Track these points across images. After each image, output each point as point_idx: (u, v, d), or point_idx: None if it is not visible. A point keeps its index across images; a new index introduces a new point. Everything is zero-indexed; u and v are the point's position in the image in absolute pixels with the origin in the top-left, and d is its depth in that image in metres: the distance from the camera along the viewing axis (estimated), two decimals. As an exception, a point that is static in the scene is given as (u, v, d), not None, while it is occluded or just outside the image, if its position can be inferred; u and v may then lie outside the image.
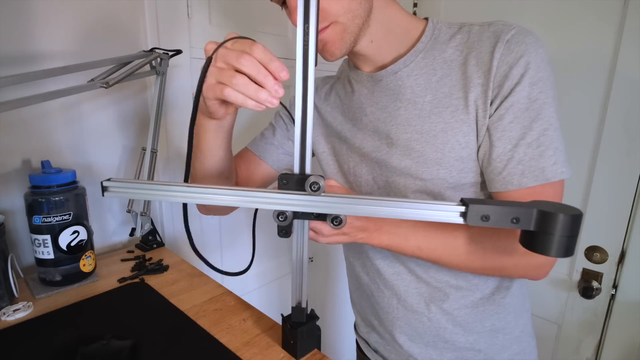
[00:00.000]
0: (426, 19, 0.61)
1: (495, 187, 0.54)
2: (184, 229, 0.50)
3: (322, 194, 0.43)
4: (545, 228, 0.38)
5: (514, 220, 0.39)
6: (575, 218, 0.37)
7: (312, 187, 0.42)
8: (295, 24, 0.50)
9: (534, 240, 0.39)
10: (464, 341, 0.66)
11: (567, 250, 0.38)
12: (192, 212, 1.12)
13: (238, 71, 0.44)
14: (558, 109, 0.53)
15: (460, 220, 0.40)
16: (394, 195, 0.64)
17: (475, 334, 0.65)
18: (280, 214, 0.45)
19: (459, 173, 0.57)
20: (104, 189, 0.44)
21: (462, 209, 0.40)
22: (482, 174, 0.58)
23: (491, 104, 0.53)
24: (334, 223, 0.44)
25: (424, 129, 0.58)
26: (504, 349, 0.67)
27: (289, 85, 1.32)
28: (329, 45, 0.56)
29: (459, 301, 0.64)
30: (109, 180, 0.44)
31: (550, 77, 0.52)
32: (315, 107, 0.74)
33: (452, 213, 0.41)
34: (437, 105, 0.57)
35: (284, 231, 0.49)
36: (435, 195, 0.60)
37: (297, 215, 0.47)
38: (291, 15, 0.56)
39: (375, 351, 0.77)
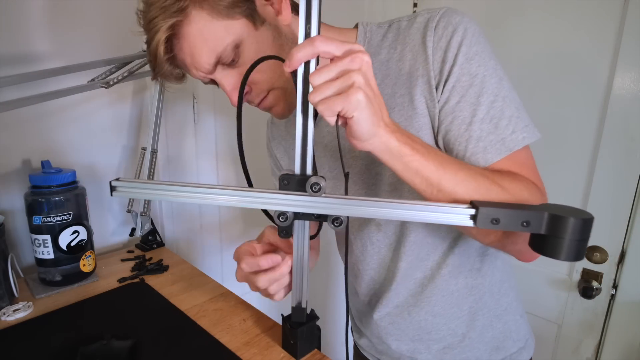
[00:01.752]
0: (357, 25, 0.61)
1: None
2: (183, 229, 0.50)
3: (323, 194, 0.43)
4: (556, 232, 0.37)
5: (525, 224, 0.38)
6: (586, 222, 0.37)
7: (313, 188, 0.42)
8: (234, 104, 0.53)
9: (544, 244, 0.39)
10: (446, 329, 0.66)
11: (578, 254, 0.38)
12: (192, 212, 1.12)
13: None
14: (504, 77, 0.52)
15: (470, 223, 0.40)
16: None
17: (455, 319, 0.65)
18: (281, 214, 0.45)
19: None
20: (112, 189, 0.44)
21: (472, 211, 0.40)
22: None
23: (436, 91, 0.52)
24: (335, 224, 0.44)
25: None
26: (486, 329, 0.66)
27: (289, 85, 1.32)
28: (274, 110, 0.58)
29: (433, 291, 0.64)
30: (117, 180, 0.44)
31: (486, 49, 0.51)
32: (279, 146, 0.75)
33: (462, 216, 0.40)
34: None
35: (285, 231, 0.49)
36: (409, 189, 0.57)
37: (297, 215, 0.47)
38: (230, 96, 0.56)
39: (371, 354, 0.77)
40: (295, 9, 0.57)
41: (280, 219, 0.46)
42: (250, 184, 0.50)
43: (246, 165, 0.51)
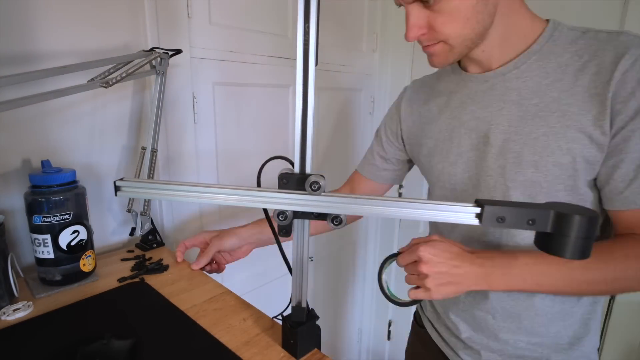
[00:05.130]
0: (547, 20, 0.61)
1: (615, 205, 0.55)
2: (183, 229, 0.50)
3: (322, 193, 0.43)
4: (561, 230, 0.38)
5: (530, 222, 0.39)
6: (592, 220, 0.37)
7: (313, 187, 0.42)
8: (407, 39, 0.58)
9: (549, 242, 0.39)
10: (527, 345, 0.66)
11: (583, 252, 0.38)
12: (192, 212, 1.12)
13: None
14: None
15: (476, 222, 0.40)
16: (481, 196, 0.64)
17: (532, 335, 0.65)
18: (280, 213, 0.45)
19: (554, 179, 0.57)
20: (116, 189, 0.44)
21: (478, 210, 0.40)
22: (578, 183, 0.57)
23: (612, 122, 0.52)
24: (334, 223, 0.44)
25: (525, 130, 0.58)
26: (560, 335, 0.65)
27: (288, 85, 1.32)
28: (434, 57, 0.60)
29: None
30: (121, 180, 0.44)
31: None
32: (411, 109, 0.78)
33: (467, 214, 0.40)
34: (543, 109, 0.57)
35: (285, 230, 0.49)
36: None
37: (297, 214, 0.47)
38: (408, 30, 0.58)
39: (430, 321, 0.82)
40: None
41: (280, 218, 0.46)
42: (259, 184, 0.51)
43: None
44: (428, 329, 0.82)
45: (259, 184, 0.51)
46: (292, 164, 0.45)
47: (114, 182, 0.45)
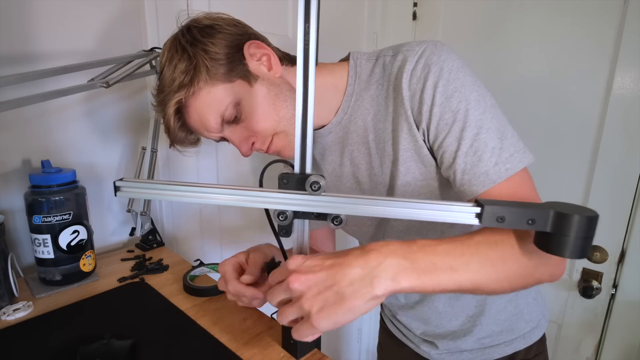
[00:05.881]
0: (347, 57, 0.64)
1: (461, 199, 0.54)
2: (183, 229, 0.51)
3: (323, 193, 0.42)
4: (561, 229, 0.38)
5: (530, 222, 0.39)
6: (591, 219, 0.37)
7: (313, 187, 0.42)
8: (244, 155, 0.61)
9: (549, 242, 0.39)
10: (461, 312, 0.72)
11: (582, 251, 0.38)
12: (192, 211, 1.12)
13: None
14: (488, 107, 0.52)
15: (476, 222, 0.40)
16: (388, 231, 0.68)
17: (467, 305, 0.71)
18: (280, 213, 0.45)
19: (422, 194, 0.60)
20: (116, 189, 0.44)
21: (478, 210, 0.40)
22: (436, 187, 0.60)
23: (419, 130, 0.55)
24: (335, 223, 0.44)
25: (376, 164, 0.62)
26: (499, 312, 0.71)
27: (289, 85, 1.32)
28: (282, 152, 0.62)
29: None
30: (121, 180, 0.44)
31: (466, 82, 0.52)
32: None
33: (467, 214, 0.40)
34: (380, 142, 0.61)
35: (285, 230, 0.48)
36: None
37: (297, 214, 0.47)
38: (240, 148, 0.62)
39: (389, 319, 0.86)
40: (285, 58, 0.64)
41: (280, 218, 0.46)
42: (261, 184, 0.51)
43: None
44: (389, 326, 0.88)
45: (261, 186, 0.51)
46: (292, 166, 0.45)
47: (114, 183, 0.44)
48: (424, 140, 0.56)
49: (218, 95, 0.57)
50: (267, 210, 0.52)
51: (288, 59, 0.64)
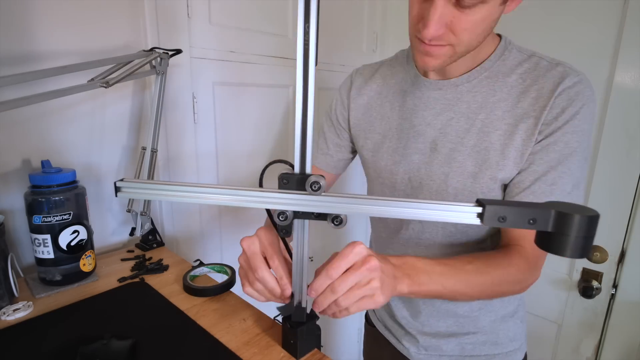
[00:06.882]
0: (499, 36, 0.64)
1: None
2: (183, 229, 0.51)
3: (323, 193, 0.43)
4: (562, 229, 0.38)
5: (531, 221, 0.39)
6: (592, 219, 0.37)
7: (313, 187, 0.42)
8: (425, 35, 0.54)
9: (550, 241, 0.39)
10: (453, 322, 0.74)
11: (583, 251, 0.38)
12: (192, 211, 1.12)
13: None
14: (587, 159, 0.59)
15: (477, 221, 0.40)
16: (422, 198, 0.65)
17: (463, 315, 0.73)
18: (280, 213, 0.45)
19: (489, 192, 0.62)
20: (117, 190, 0.44)
21: (479, 209, 0.40)
22: (501, 195, 0.63)
23: (536, 140, 0.58)
24: (335, 223, 0.44)
25: (470, 143, 0.62)
26: (490, 326, 0.73)
27: (288, 85, 1.32)
28: (433, 59, 0.56)
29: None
30: (122, 180, 0.44)
31: (590, 130, 0.58)
32: (361, 99, 0.77)
33: (468, 214, 0.41)
34: (488, 125, 0.61)
35: (285, 230, 0.49)
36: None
37: (297, 214, 0.47)
38: (428, 24, 0.53)
39: (379, 319, 0.86)
40: None
41: (280, 218, 0.46)
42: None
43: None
44: (378, 326, 0.87)
45: (261, 186, 0.51)
46: (292, 166, 0.45)
47: (114, 183, 0.45)
48: (532, 143, 0.58)
49: None
50: (268, 211, 0.52)
51: None
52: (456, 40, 0.54)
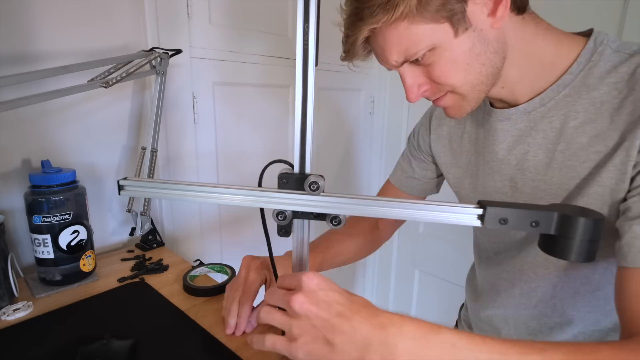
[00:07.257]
0: (588, 35, 0.50)
1: (627, 260, 0.42)
2: (183, 229, 0.51)
3: (322, 193, 0.43)
4: (566, 232, 0.37)
5: (534, 224, 0.38)
6: (596, 222, 0.36)
7: (312, 187, 0.42)
8: (409, 99, 0.53)
9: (553, 245, 0.38)
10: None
11: (588, 255, 0.37)
12: (192, 211, 1.12)
13: None
14: None
15: (478, 223, 0.40)
16: (509, 242, 0.61)
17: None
18: (279, 213, 0.45)
19: None
20: (120, 188, 0.45)
21: (480, 211, 0.39)
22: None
23: (632, 178, 0.44)
24: (333, 223, 0.44)
25: (554, 181, 0.51)
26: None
27: (288, 85, 1.32)
28: (448, 110, 0.54)
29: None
30: (125, 179, 0.45)
31: None
32: (441, 129, 0.70)
33: (469, 216, 0.40)
34: (570, 158, 0.49)
35: (284, 230, 0.49)
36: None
37: (296, 214, 0.47)
38: (407, 91, 0.53)
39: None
40: (514, 2, 0.47)
41: (279, 218, 0.46)
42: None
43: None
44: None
45: (260, 186, 0.51)
46: (292, 166, 0.45)
47: (118, 182, 0.45)
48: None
49: (415, 36, 0.46)
50: (262, 210, 0.51)
51: (516, 5, 0.48)
52: (447, 86, 0.50)
